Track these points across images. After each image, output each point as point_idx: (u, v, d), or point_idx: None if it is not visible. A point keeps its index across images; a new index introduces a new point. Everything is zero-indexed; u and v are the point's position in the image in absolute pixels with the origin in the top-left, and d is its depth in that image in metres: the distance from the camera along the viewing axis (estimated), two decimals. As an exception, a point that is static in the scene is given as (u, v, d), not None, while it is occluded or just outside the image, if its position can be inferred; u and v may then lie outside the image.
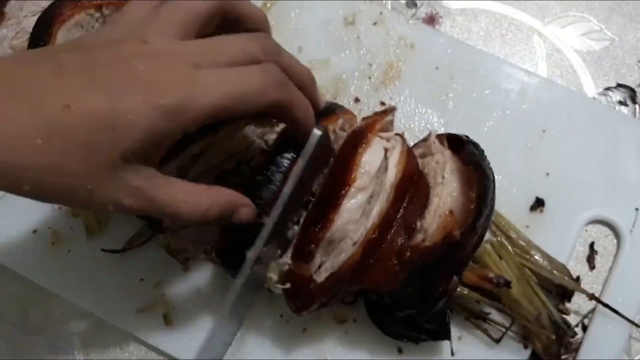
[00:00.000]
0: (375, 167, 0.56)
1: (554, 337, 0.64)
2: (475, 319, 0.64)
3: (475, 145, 0.61)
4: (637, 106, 0.73)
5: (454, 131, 0.65)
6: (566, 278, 0.65)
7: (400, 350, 0.65)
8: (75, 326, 0.68)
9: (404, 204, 0.57)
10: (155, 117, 0.42)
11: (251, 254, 0.52)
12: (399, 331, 0.63)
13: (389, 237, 0.56)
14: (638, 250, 0.68)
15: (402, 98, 0.73)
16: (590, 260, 0.69)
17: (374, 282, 0.58)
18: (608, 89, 0.75)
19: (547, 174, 0.70)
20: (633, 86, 0.75)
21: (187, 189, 0.47)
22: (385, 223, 0.56)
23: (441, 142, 0.62)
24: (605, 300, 0.65)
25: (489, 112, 0.72)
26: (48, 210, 0.70)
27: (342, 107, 0.62)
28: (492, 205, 0.59)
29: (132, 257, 0.68)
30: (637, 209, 0.68)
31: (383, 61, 0.73)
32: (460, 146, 0.61)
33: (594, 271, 0.69)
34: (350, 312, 0.66)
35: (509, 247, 0.65)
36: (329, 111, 0.59)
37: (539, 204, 0.68)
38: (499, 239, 0.65)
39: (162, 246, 0.63)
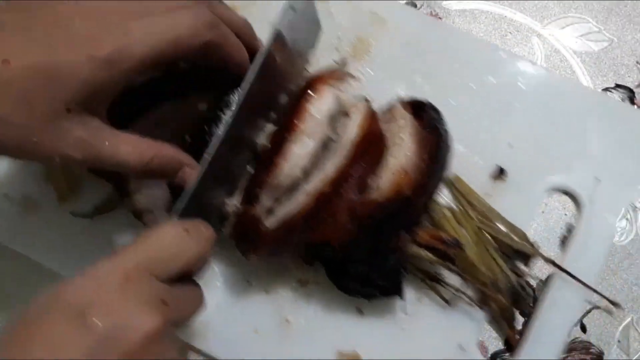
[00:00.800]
0: (326, 115, 0.57)
1: (510, 301, 0.65)
2: (430, 280, 0.65)
3: (436, 110, 0.63)
4: (635, 107, 0.74)
5: (419, 101, 0.66)
6: (525, 244, 0.66)
7: (359, 311, 0.66)
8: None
9: (362, 164, 0.58)
10: (92, 68, 0.44)
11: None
12: (353, 287, 0.64)
13: (342, 192, 0.58)
14: (596, 218, 0.68)
15: (371, 72, 0.73)
16: (564, 240, 0.70)
17: (325, 235, 0.59)
18: (607, 89, 0.75)
19: (511, 144, 0.71)
20: (632, 87, 0.75)
21: (132, 140, 0.49)
22: (339, 178, 0.57)
23: (405, 108, 0.63)
24: (563, 266, 0.65)
25: (456, 87, 0.72)
26: (19, 174, 0.71)
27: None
28: (446, 168, 0.61)
29: (104, 221, 0.69)
30: (597, 178, 0.69)
31: (353, 35, 0.75)
32: (422, 111, 0.63)
33: (553, 239, 0.69)
34: (313, 274, 0.66)
35: (470, 213, 0.66)
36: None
37: (500, 173, 0.69)
38: (459, 205, 0.66)
39: (128, 209, 0.65)
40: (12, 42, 0.43)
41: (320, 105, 0.58)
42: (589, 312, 0.68)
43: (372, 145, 0.59)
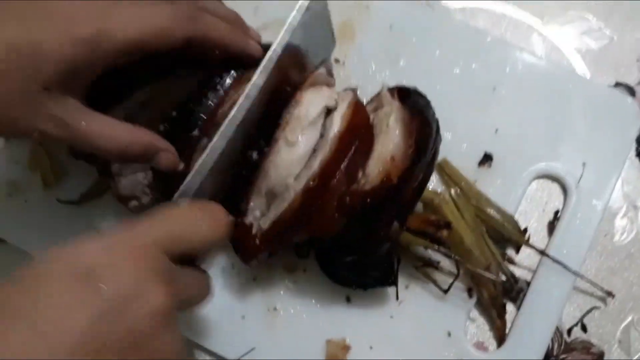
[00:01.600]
0: (308, 120, 0.57)
1: (500, 289, 0.64)
2: (425, 267, 0.64)
3: (421, 95, 0.62)
4: (637, 103, 0.74)
5: (405, 88, 0.66)
6: (514, 230, 0.66)
7: (348, 299, 0.65)
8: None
9: (350, 154, 0.57)
10: (71, 48, 0.45)
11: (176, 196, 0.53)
12: (347, 277, 0.63)
13: (331, 185, 0.56)
14: (583, 203, 0.68)
15: (355, 57, 0.73)
16: (551, 225, 0.70)
17: (316, 229, 0.58)
18: (608, 87, 0.74)
19: (496, 130, 0.70)
20: (632, 85, 0.74)
21: (109, 124, 0.49)
22: (326, 172, 0.56)
23: (392, 94, 0.63)
24: (550, 252, 0.65)
25: (440, 71, 0.72)
26: (3, 160, 0.70)
27: None
28: (434, 154, 0.59)
29: (90, 208, 0.69)
30: (584, 164, 0.69)
31: (338, 20, 0.74)
32: (408, 97, 0.62)
33: (540, 225, 0.69)
34: (301, 262, 0.66)
35: (466, 198, 0.66)
36: None
37: (487, 159, 0.69)
38: (454, 190, 0.66)
39: (112, 194, 0.64)
40: None
41: (303, 114, 0.58)
42: (589, 312, 0.67)
43: (359, 135, 0.58)
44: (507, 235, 0.66)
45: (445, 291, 0.64)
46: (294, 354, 0.64)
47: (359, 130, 0.59)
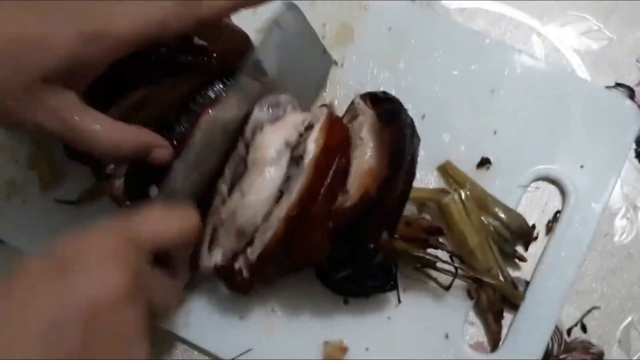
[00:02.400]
0: (267, 161, 0.57)
1: (499, 294, 0.64)
2: (424, 267, 0.63)
3: (392, 100, 0.61)
4: (636, 105, 0.74)
5: (405, 92, 0.65)
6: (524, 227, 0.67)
7: (346, 301, 0.65)
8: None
9: (330, 176, 0.56)
10: (75, 41, 0.45)
11: (153, 192, 0.55)
12: (346, 289, 0.63)
13: (313, 210, 0.56)
14: (582, 206, 0.68)
15: (354, 59, 0.73)
16: (549, 224, 0.70)
17: (304, 257, 0.58)
18: (607, 88, 0.74)
19: (495, 132, 0.70)
20: (632, 85, 0.74)
21: (104, 121, 0.50)
22: (304, 199, 0.55)
23: (365, 102, 0.62)
24: (548, 254, 0.66)
25: (440, 73, 0.72)
26: (3, 162, 0.71)
27: None
28: (412, 158, 0.59)
29: (88, 209, 0.69)
30: (582, 167, 0.69)
31: (336, 22, 0.74)
32: (378, 103, 0.61)
33: (539, 226, 0.69)
34: (297, 264, 0.66)
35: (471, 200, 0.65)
36: None
37: (485, 161, 0.69)
38: (463, 192, 0.66)
39: (107, 194, 0.65)
40: (3, 7, 0.45)
41: (262, 153, 0.58)
42: (589, 312, 0.67)
43: (336, 154, 0.57)
44: (512, 235, 0.66)
45: (447, 288, 0.63)
46: (291, 356, 0.64)
47: (335, 151, 0.57)
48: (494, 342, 0.65)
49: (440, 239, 0.62)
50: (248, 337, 0.64)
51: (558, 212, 0.69)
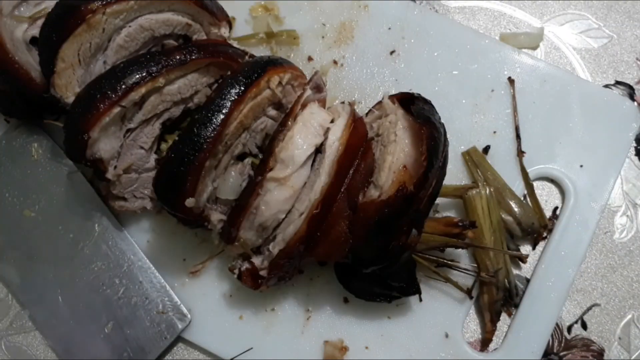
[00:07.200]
0: (297, 163, 0.57)
1: (501, 295, 0.65)
2: (440, 267, 0.64)
3: (426, 101, 0.62)
4: (635, 103, 0.74)
5: (405, 91, 0.65)
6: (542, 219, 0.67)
7: (346, 300, 0.65)
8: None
9: (350, 175, 0.58)
10: None
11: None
12: (369, 290, 0.63)
13: (334, 209, 0.57)
14: (582, 205, 0.68)
15: (354, 57, 0.73)
16: (550, 220, 0.70)
17: (324, 254, 0.59)
18: (607, 86, 0.74)
19: (494, 132, 0.70)
20: (631, 83, 0.74)
21: None
22: (327, 197, 0.57)
23: (393, 102, 0.62)
24: (549, 250, 0.66)
25: (439, 72, 0.72)
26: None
27: (291, 63, 0.63)
28: (445, 158, 0.59)
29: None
30: (581, 166, 0.69)
31: (337, 21, 0.74)
32: (411, 104, 0.61)
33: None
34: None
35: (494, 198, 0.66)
36: (277, 63, 0.61)
37: (484, 151, 0.69)
38: (489, 189, 0.66)
39: (103, 194, 0.65)
40: None
41: (296, 147, 0.58)
42: (589, 309, 0.67)
43: (358, 155, 0.59)
44: (522, 231, 0.67)
45: (469, 293, 0.64)
46: (291, 355, 0.64)
47: (357, 150, 0.59)
48: (484, 341, 0.66)
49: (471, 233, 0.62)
50: (248, 337, 0.65)
51: (557, 207, 0.69)
